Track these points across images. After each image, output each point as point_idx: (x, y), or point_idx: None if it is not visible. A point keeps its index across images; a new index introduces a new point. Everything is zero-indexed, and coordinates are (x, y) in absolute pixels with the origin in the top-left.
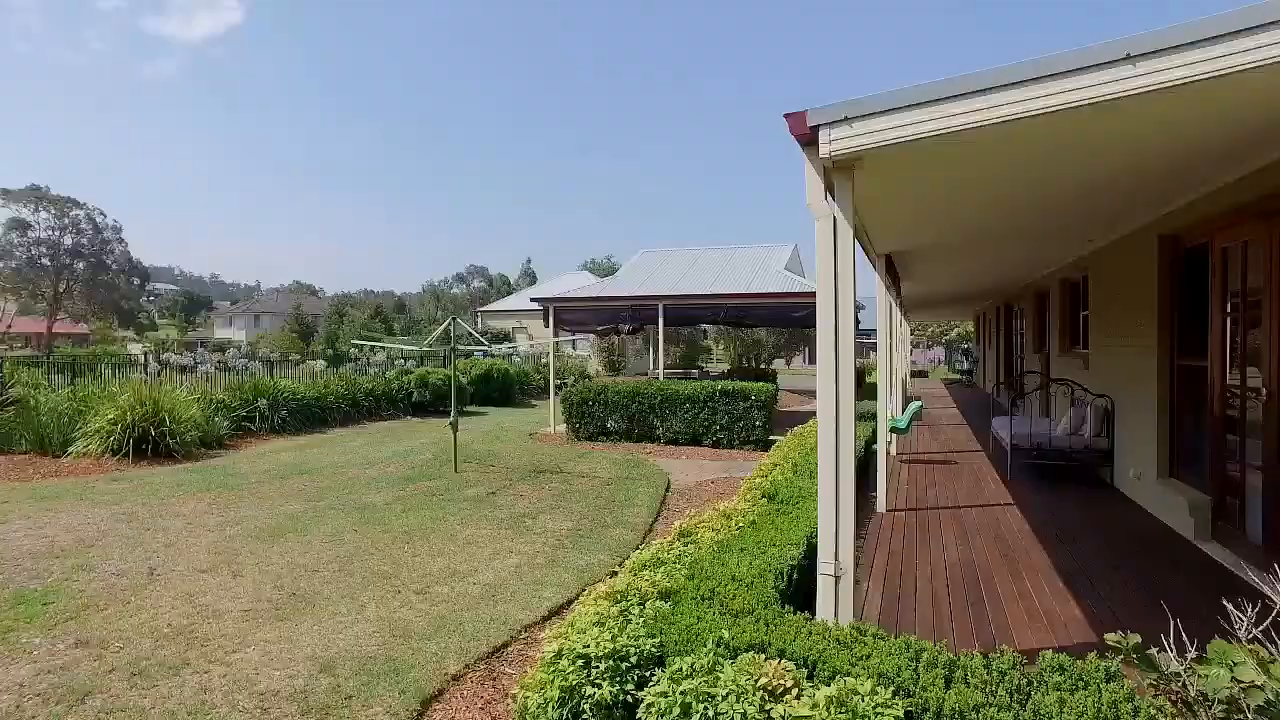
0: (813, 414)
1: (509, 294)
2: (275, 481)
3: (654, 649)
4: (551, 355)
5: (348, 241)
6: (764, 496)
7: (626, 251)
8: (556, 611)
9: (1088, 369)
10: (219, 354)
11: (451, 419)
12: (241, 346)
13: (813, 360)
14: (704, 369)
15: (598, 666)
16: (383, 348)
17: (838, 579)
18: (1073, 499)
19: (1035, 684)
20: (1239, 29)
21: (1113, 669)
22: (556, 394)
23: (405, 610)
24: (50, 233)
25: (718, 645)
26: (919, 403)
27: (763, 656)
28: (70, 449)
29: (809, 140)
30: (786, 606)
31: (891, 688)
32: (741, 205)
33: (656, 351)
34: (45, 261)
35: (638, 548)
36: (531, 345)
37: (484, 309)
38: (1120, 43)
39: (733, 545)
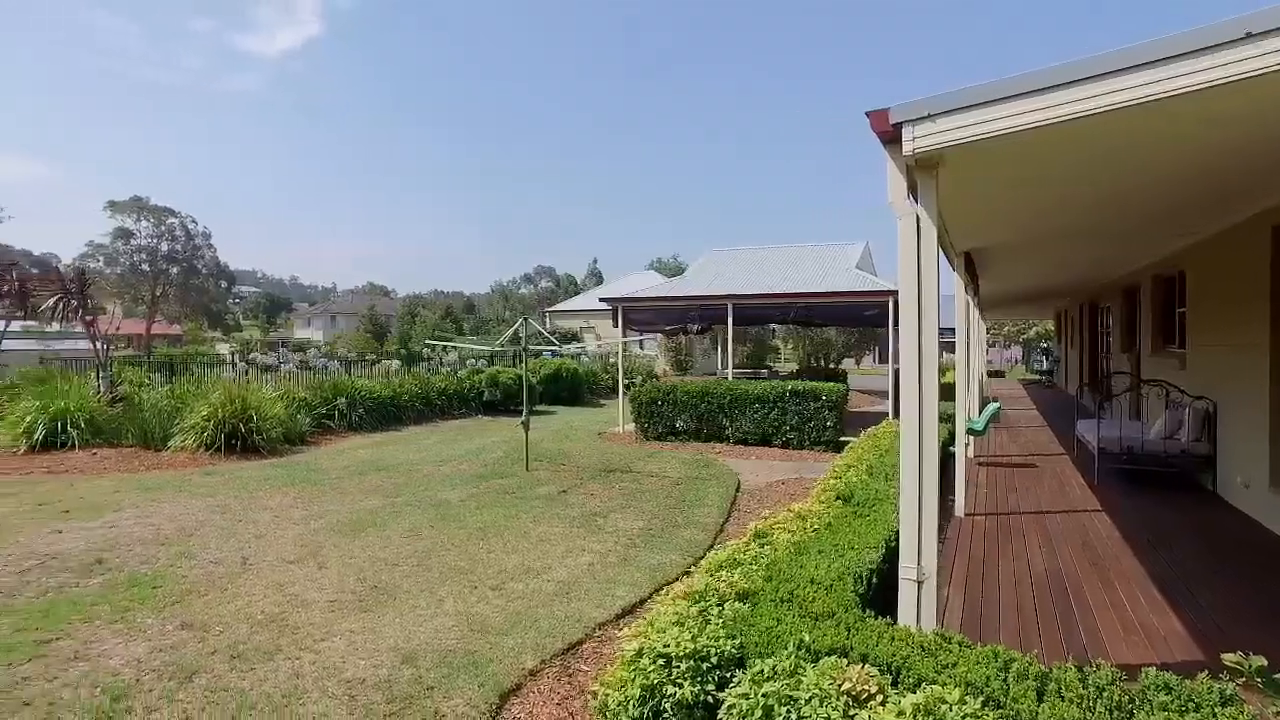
0: (884, 415)
1: (576, 294)
2: (354, 477)
3: (734, 650)
4: (620, 355)
5: (419, 243)
6: (838, 498)
7: (693, 251)
8: (629, 610)
9: (1184, 369)
10: (300, 354)
11: (523, 418)
12: (320, 346)
13: (883, 360)
14: (772, 369)
15: (678, 666)
16: (455, 347)
17: (920, 584)
18: (1168, 506)
19: (1138, 703)
20: None
21: (1228, 692)
22: (625, 393)
23: (482, 605)
24: (149, 240)
25: (798, 648)
26: (997, 404)
27: (845, 661)
28: (170, 443)
29: (891, 138)
30: (867, 611)
31: (980, 698)
32: (810, 205)
33: (724, 351)
34: (145, 267)
35: (709, 548)
36: (599, 345)
37: (551, 309)
38: (1238, 21)
39: (810, 547)
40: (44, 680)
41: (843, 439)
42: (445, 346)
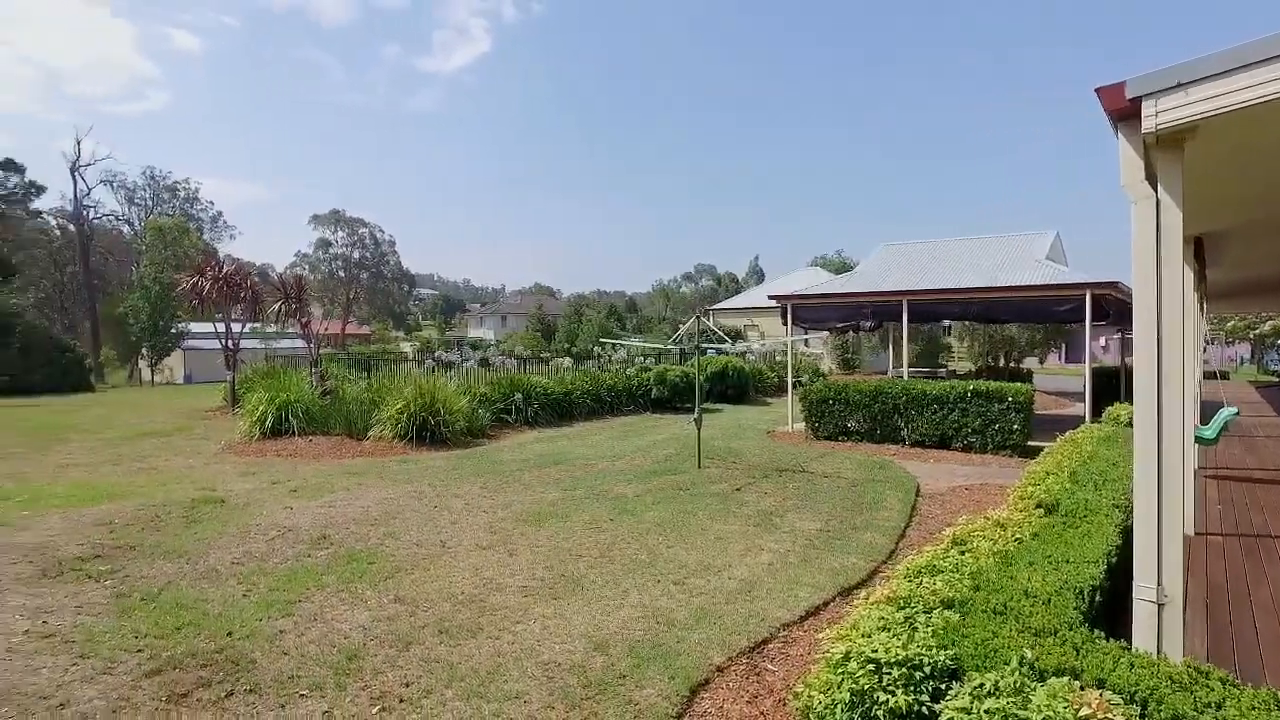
0: (1077, 418)
1: (737, 292)
2: (533, 470)
3: (948, 661)
4: (790, 353)
5: (582, 245)
6: (1039, 507)
7: (857, 247)
8: (813, 612)
9: None
10: (477, 351)
11: (695, 415)
12: (493, 345)
13: (1070, 359)
14: (948, 368)
15: (889, 673)
16: (624, 346)
17: (1160, 606)
18: None
19: None
20: None
21: None
22: (794, 392)
23: (665, 599)
24: (344, 249)
25: (1020, 664)
26: (1233, 409)
27: (1078, 684)
28: (369, 433)
29: (1126, 114)
30: (1096, 631)
31: None
32: (984, 192)
33: (897, 349)
34: (340, 273)
35: (892, 553)
36: (763, 343)
37: (714, 307)
38: None
39: (1018, 558)
40: (295, 635)
41: (1031, 443)
42: (614, 345)
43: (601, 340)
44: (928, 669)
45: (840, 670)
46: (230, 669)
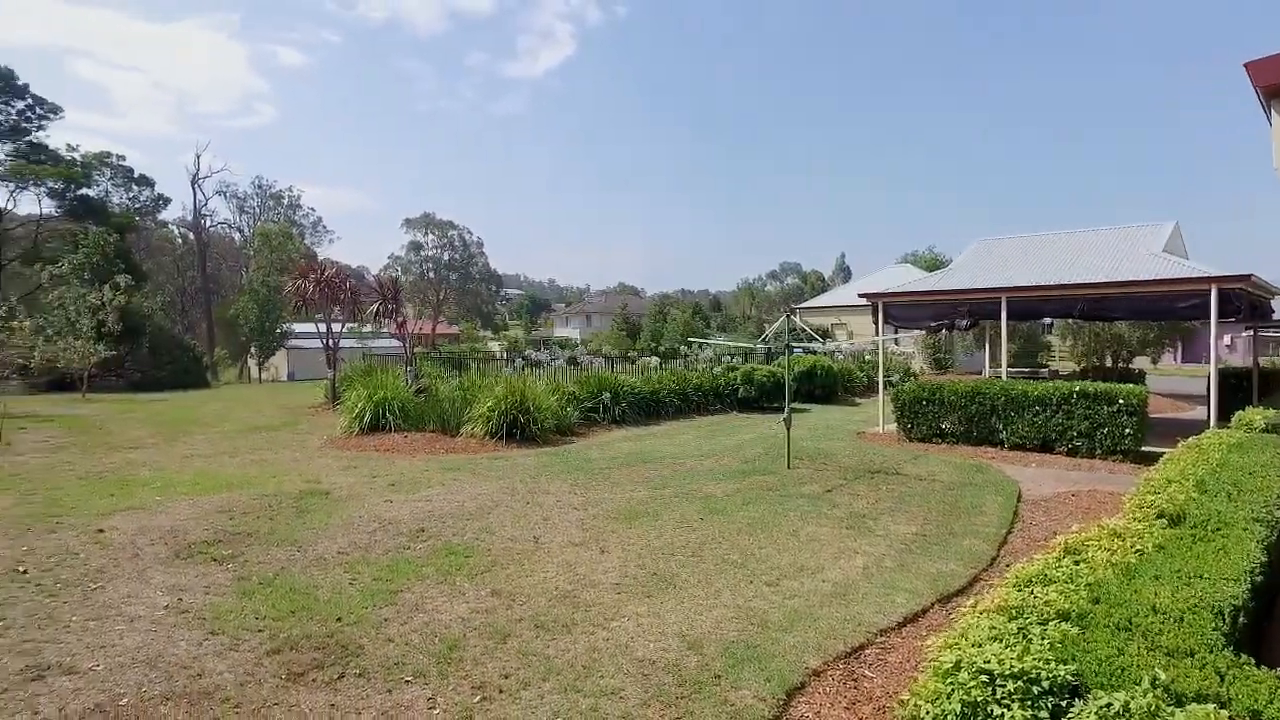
0: (1197, 422)
1: (823, 291)
2: (622, 468)
3: (1069, 676)
4: (881, 352)
5: (666, 243)
6: (1160, 517)
7: (951, 243)
8: (912, 619)
9: None
10: (565, 351)
11: (784, 416)
12: (578, 344)
13: (1187, 359)
14: (1050, 368)
15: (1004, 685)
16: (710, 345)
17: None
18: None
19: None
20: None
21: None
22: (885, 392)
23: (759, 601)
24: (434, 251)
25: (1154, 685)
26: None
27: (1225, 713)
28: (461, 430)
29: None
30: (1242, 655)
31: None
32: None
33: (993, 348)
34: (430, 274)
35: (993, 560)
36: (851, 342)
37: (801, 305)
38: None
39: (1140, 571)
40: (398, 624)
41: (1145, 449)
42: (700, 344)
43: (689, 340)
44: (1046, 683)
45: (950, 680)
46: (340, 653)
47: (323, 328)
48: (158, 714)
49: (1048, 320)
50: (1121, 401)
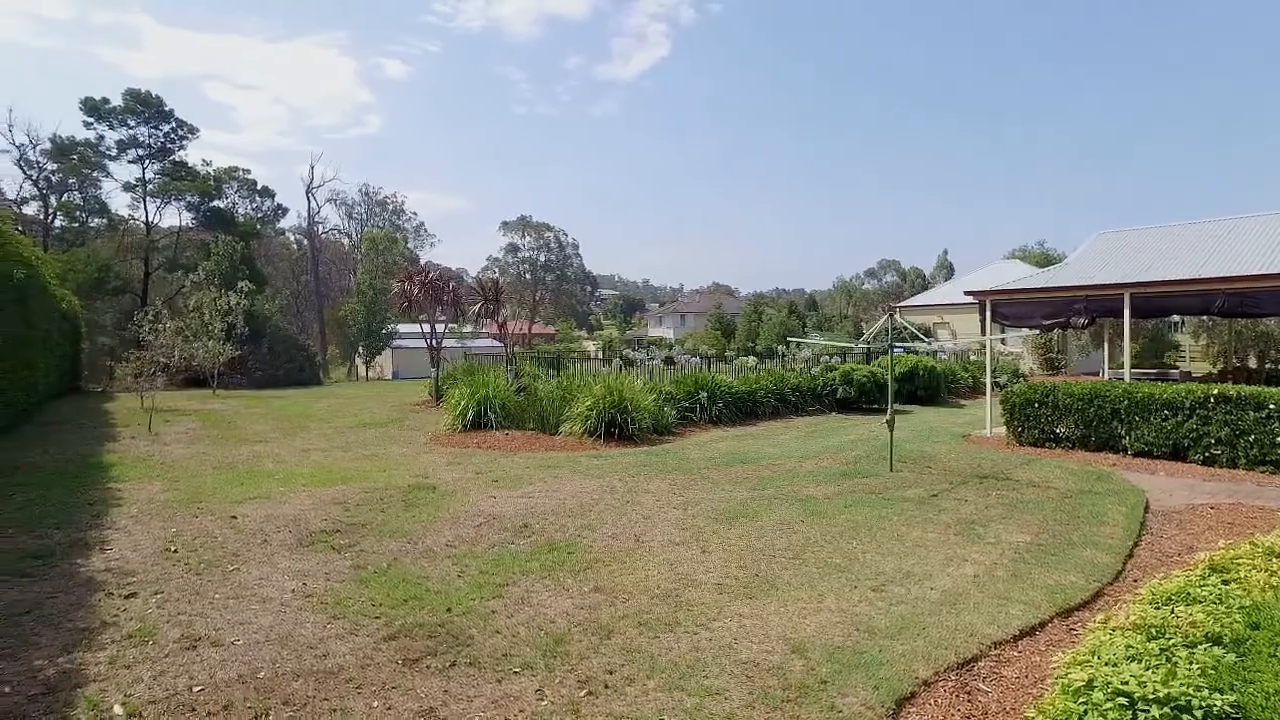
0: None
1: (923, 289)
2: (720, 468)
3: (1227, 708)
4: (989, 352)
5: (760, 242)
6: None
7: (1065, 238)
8: (1028, 632)
9: None
10: (663, 350)
11: (888, 417)
12: (673, 343)
13: None
14: (1180, 369)
15: (1147, 710)
16: (808, 344)
17: None
18: None
19: None
20: None
21: None
22: (994, 394)
23: (864, 606)
24: (531, 253)
25: None
26: None
27: None
28: (560, 428)
29: None
30: None
31: None
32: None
33: (1113, 348)
34: (527, 276)
35: (1119, 574)
36: (955, 342)
37: (901, 304)
38: None
39: None
40: (505, 616)
41: None
42: (798, 343)
43: (786, 339)
44: (1199, 713)
45: (1082, 700)
46: (451, 642)
47: (427, 328)
48: (291, 689)
49: (1176, 318)
50: (1272, 407)
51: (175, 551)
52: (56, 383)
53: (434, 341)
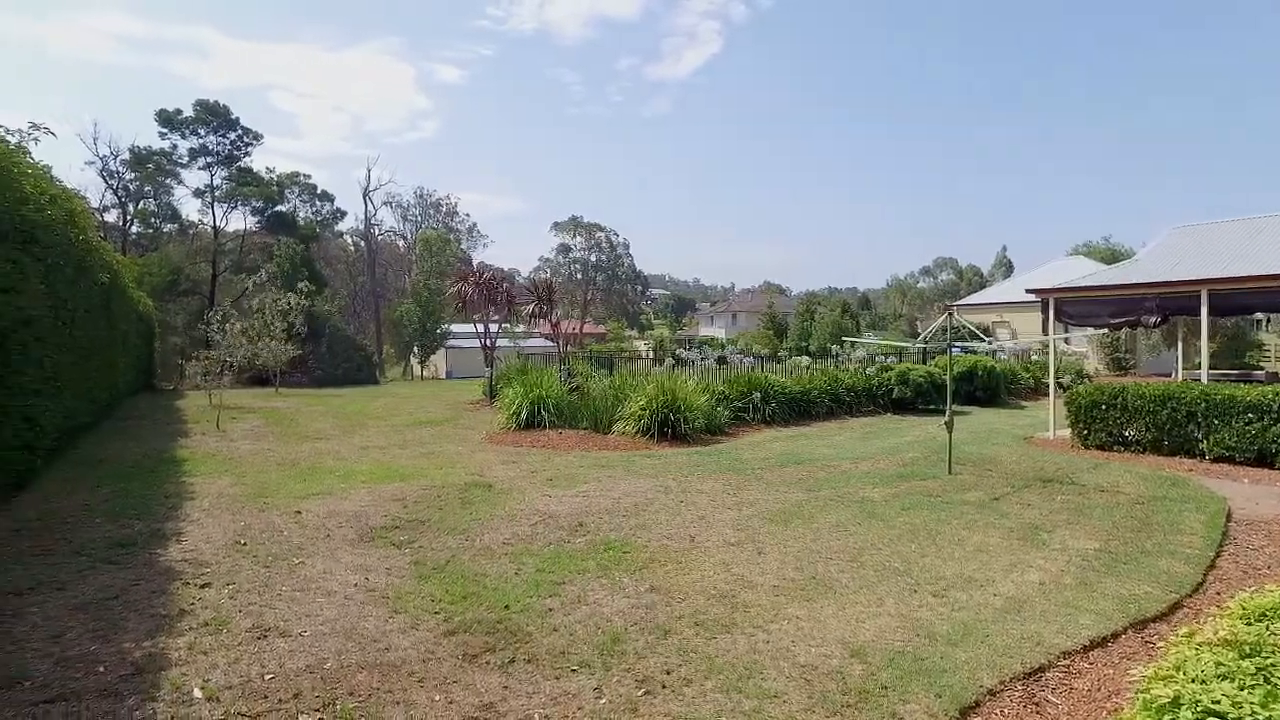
0: None
1: (981, 287)
2: (775, 469)
3: None
4: (1052, 352)
5: (812, 240)
6: None
7: (1130, 233)
8: (1099, 643)
9: None
10: (713, 350)
11: (946, 419)
12: (726, 343)
13: None
14: (1265, 369)
15: None
16: (863, 344)
17: None
18: None
19: None
20: None
21: None
22: (1058, 395)
23: (924, 611)
24: (582, 253)
25: None
26: None
27: None
28: (613, 428)
29: None
30: None
31: None
32: None
33: (1187, 347)
34: (578, 276)
35: (1199, 586)
36: (1015, 341)
37: (959, 303)
38: None
39: None
40: (562, 614)
41: None
42: (852, 343)
43: (840, 339)
44: None
45: (1166, 718)
46: (509, 638)
47: (480, 328)
48: (356, 680)
49: (1260, 316)
50: None
51: (244, 544)
52: (134, 381)
53: (488, 341)
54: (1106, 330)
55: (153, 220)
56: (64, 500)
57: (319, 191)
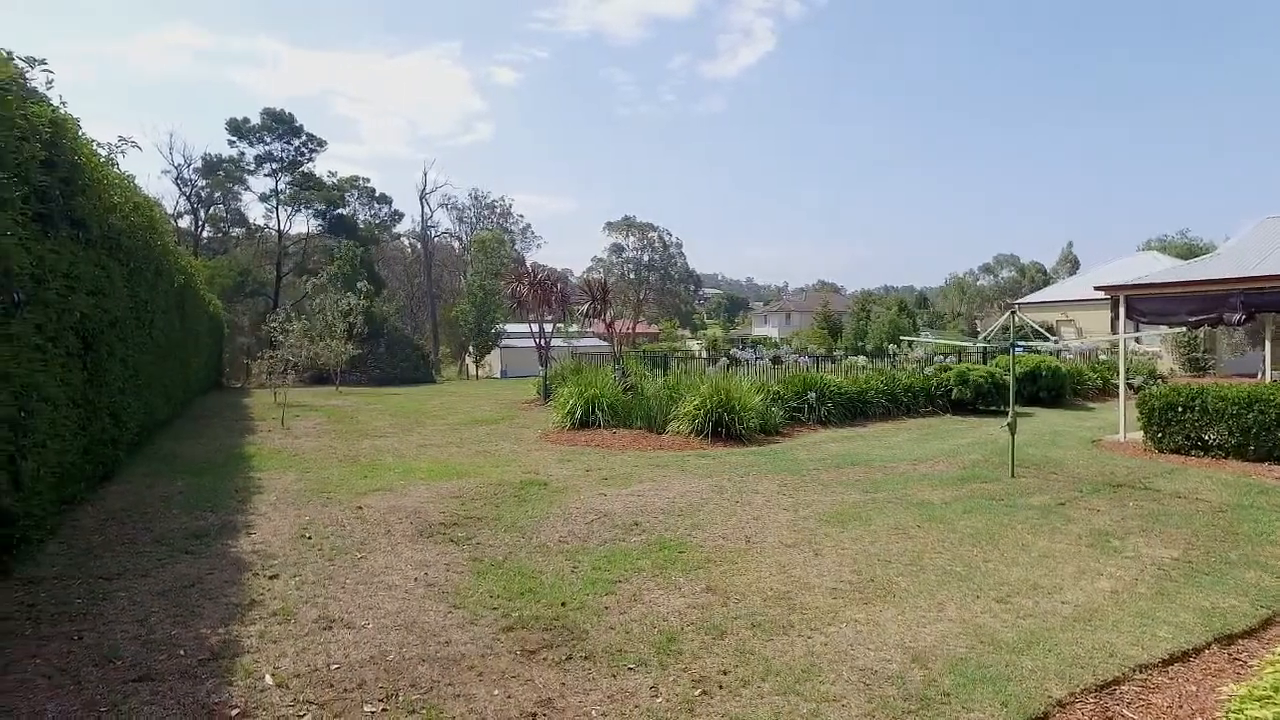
0: None
1: (1044, 284)
2: (831, 470)
3: None
4: (1122, 352)
5: (869, 238)
6: None
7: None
8: (1180, 657)
9: None
10: (768, 350)
11: (1009, 420)
12: (779, 342)
13: None
14: None
15: None
16: (921, 343)
17: None
18: None
19: None
20: None
21: None
22: (1129, 396)
23: (988, 617)
24: (634, 253)
25: None
26: None
27: None
28: (668, 427)
29: None
30: None
31: None
32: None
33: (1276, 346)
34: (631, 275)
35: None
36: (1081, 340)
37: (1021, 301)
38: None
39: None
40: (618, 613)
41: None
42: (910, 342)
43: (898, 338)
44: None
45: None
46: (566, 636)
47: (535, 327)
48: (417, 672)
49: None
50: None
51: (309, 538)
52: (205, 379)
53: (542, 340)
54: (1185, 329)
55: (222, 224)
56: (145, 492)
57: (377, 194)
